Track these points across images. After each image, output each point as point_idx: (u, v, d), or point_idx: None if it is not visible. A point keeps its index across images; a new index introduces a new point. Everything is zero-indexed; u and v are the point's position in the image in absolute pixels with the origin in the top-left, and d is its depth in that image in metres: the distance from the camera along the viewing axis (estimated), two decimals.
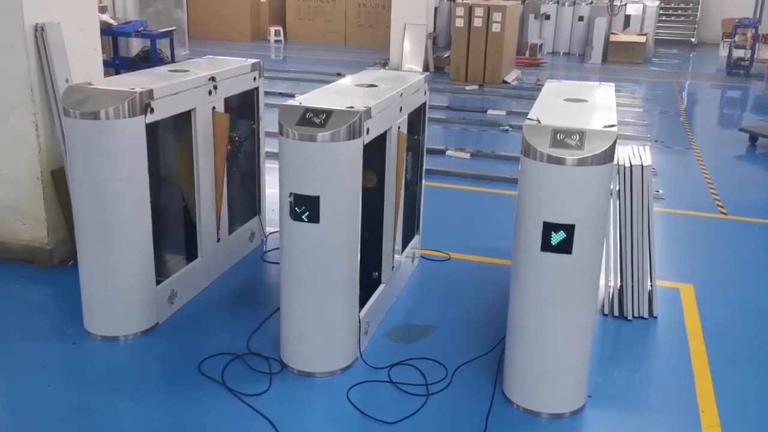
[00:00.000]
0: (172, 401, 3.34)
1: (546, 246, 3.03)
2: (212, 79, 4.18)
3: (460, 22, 12.54)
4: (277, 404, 3.30)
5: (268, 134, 5.07)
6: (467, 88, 11.99)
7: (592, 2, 17.28)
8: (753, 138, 8.74)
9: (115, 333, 3.79)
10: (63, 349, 3.72)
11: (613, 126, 3.13)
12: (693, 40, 20.01)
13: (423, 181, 4.72)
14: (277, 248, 3.67)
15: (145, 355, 3.69)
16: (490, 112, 9.98)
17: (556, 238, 3.00)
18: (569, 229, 2.99)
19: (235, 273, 4.66)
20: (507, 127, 9.02)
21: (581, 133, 3.00)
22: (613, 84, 4.34)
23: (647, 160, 4.07)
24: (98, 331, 3.80)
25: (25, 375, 3.47)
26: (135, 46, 10.66)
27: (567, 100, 3.77)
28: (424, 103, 4.49)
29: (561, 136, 2.99)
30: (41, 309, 4.13)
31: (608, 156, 2.97)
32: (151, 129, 3.70)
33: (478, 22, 12.37)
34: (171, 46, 10.23)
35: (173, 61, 9.56)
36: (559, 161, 2.93)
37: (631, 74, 14.37)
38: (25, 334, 3.85)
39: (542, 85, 4.24)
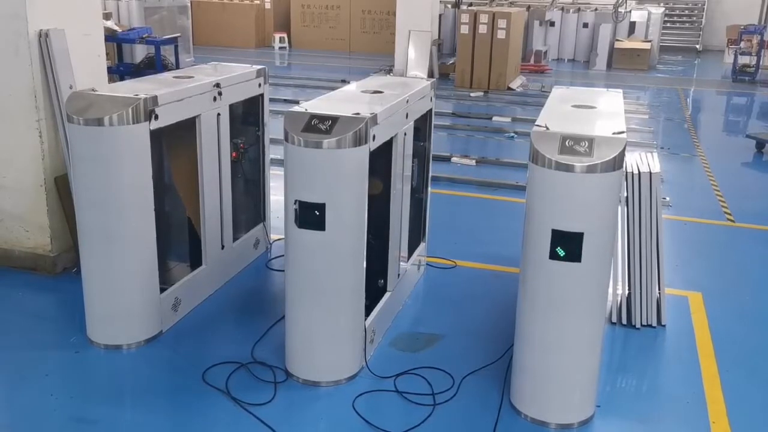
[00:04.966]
0: (175, 410, 3.30)
1: (554, 254, 2.99)
2: (217, 85, 4.16)
3: (465, 29, 12.54)
4: (282, 414, 3.26)
5: (273, 141, 5.04)
6: (472, 94, 11.97)
7: (596, 9, 17.29)
8: (759, 145, 8.69)
9: (118, 341, 3.76)
10: (65, 357, 3.68)
11: (622, 132, 3.09)
12: (697, 46, 19.98)
13: (429, 188, 4.69)
14: (282, 256, 3.64)
15: (149, 364, 3.66)
16: (495, 118, 9.94)
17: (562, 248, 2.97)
18: (578, 237, 2.95)
19: (240, 281, 4.63)
20: (512, 134, 8.98)
21: (590, 140, 2.97)
22: (620, 90, 4.31)
23: (655, 167, 4.04)
24: (101, 340, 3.77)
25: (27, 384, 3.44)
26: (140, 52, 10.69)
27: (575, 106, 3.74)
28: (430, 110, 4.47)
29: (570, 143, 2.96)
30: (44, 317, 4.10)
31: (618, 163, 2.93)
32: (156, 136, 3.67)
33: (483, 29, 12.37)
34: (176, 53, 10.22)
35: (178, 67, 9.57)
36: (568, 168, 2.89)
37: (636, 81, 14.34)
38: (28, 343, 3.82)
39: (547, 92, 4.21)
